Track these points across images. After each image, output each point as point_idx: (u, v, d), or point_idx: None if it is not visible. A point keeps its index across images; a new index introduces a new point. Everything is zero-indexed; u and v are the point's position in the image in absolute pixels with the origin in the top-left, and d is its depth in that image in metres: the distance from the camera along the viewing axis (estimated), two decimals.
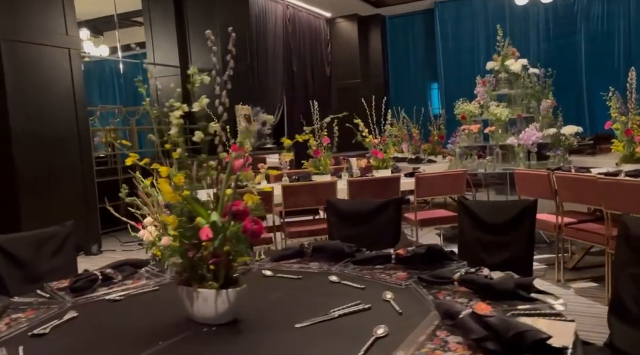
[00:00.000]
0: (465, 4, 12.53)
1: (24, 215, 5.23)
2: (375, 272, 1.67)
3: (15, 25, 5.22)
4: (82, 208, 5.79)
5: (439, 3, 12.76)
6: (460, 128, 5.44)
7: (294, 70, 11.97)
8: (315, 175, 4.82)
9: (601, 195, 3.14)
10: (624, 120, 3.80)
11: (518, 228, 2.02)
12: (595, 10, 11.22)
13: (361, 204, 2.44)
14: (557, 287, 3.68)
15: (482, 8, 12.38)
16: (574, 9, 11.39)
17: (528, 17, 11.82)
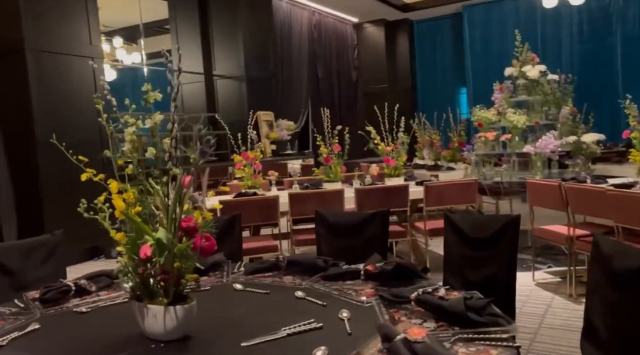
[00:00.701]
0: (494, 7, 12.30)
1: (47, 221, 5.43)
2: (345, 288, 1.65)
3: (41, 35, 5.43)
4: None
5: (467, 6, 12.57)
6: (476, 135, 5.33)
7: (319, 76, 12.01)
8: (326, 183, 4.82)
9: (610, 207, 3.02)
10: None
11: (500, 244, 1.96)
12: (632, 11, 10.82)
13: (349, 216, 2.43)
14: (569, 302, 3.56)
15: (512, 11, 12.12)
16: (609, 11, 11.02)
17: (560, 19, 11.50)
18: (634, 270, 1.29)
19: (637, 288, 1.26)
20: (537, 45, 11.85)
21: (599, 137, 4.68)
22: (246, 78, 8.77)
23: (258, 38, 9.17)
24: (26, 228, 5.53)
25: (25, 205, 5.52)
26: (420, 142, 8.00)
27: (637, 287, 1.29)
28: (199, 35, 8.93)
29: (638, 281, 1.25)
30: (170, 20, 9.33)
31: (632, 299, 1.31)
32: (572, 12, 11.32)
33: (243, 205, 3.93)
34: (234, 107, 8.98)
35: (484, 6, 12.43)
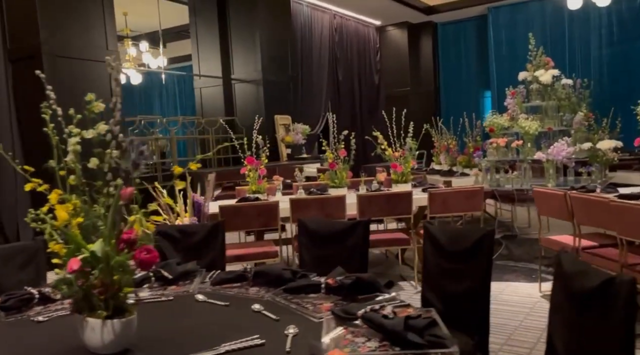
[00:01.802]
0: (520, 9, 12.03)
1: None
2: (305, 301, 1.61)
3: (57, 40, 5.57)
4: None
5: (492, 8, 12.33)
6: (488, 141, 5.20)
7: (339, 79, 11.97)
8: (331, 189, 4.78)
9: (614, 219, 2.89)
10: None
11: (475, 257, 1.89)
12: None
13: (330, 224, 2.38)
14: None
15: (538, 13, 11.83)
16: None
17: (589, 21, 11.16)
18: (591, 289, 1.22)
19: (596, 309, 1.18)
20: (565, 48, 11.55)
21: (615, 144, 4.50)
22: (263, 82, 8.82)
23: (276, 42, 9.20)
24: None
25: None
26: (438, 147, 7.88)
27: (595, 308, 1.22)
28: (218, 39, 9.03)
29: (596, 302, 1.18)
30: (191, 24, 9.47)
31: (590, 320, 1.23)
32: (601, 14, 10.98)
33: (242, 210, 3.94)
34: (252, 111, 9.02)
35: (510, 8, 12.18)
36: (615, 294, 1.15)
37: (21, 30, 5.56)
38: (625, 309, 1.13)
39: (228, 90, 9.13)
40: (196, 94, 9.57)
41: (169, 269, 1.89)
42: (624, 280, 1.14)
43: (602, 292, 1.20)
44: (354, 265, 2.28)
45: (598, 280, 1.21)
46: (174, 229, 2.44)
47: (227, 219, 3.90)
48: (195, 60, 9.45)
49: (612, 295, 1.16)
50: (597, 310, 1.22)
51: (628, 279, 1.14)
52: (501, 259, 5.01)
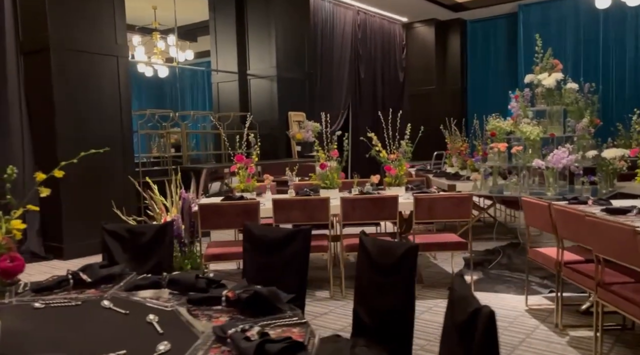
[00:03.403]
0: (552, 7, 11.58)
1: (64, 212, 5.71)
2: (205, 314, 1.57)
3: (66, 34, 5.70)
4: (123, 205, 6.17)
5: (523, 6, 11.93)
6: (488, 146, 5.02)
7: (361, 76, 11.84)
8: (322, 190, 4.72)
9: (590, 234, 2.73)
10: None
11: (399, 272, 1.81)
12: None
13: (274, 231, 2.33)
14: (552, 333, 3.26)
15: (571, 11, 11.37)
16: None
17: (625, 21, 10.65)
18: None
19: (467, 338, 1.11)
20: (599, 49, 11.07)
21: (622, 152, 4.25)
22: (278, 78, 8.81)
23: (293, 38, 9.17)
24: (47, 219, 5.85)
25: (46, 199, 5.82)
26: (450, 149, 7.70)
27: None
28: (235, 35, 9.07)
29: (467, 331, 1.11)
30: (210, 19, 9.55)
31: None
32: (638, 14, 10.45)
33: (222, 209, 3.93)
34: (266, 107, 9.05)
35: (542, 5, 11.74)
36: (476, 325, 1.07)
37: (32, 23, 5.72)
38: (482, 342, 1.05)
39: (243, 86, 9.17)
40: (213, 88, 9.66)
41: (90, 272, 1.89)
42: (484, 312, 1.06)
43: (470, 322, 1.11)
44: (292, 274, 2.23)
45: (471, 309, 1.13)
46: (123, 229, 2.44)
47: (207, 218, 3.92)
48: (213, 55, 9.53)
49: (474, 326, 1.08)
50: (467, 339, 1.14)
51: (487, 311, 1.05)
52: (499, 268, 4.85)
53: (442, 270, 4.93)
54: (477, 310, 1.09)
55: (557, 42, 11.62)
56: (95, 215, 5.33)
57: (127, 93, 6.35)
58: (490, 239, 5.90)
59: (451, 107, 12.60)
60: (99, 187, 5.93)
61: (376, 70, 12.33)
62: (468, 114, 12.48)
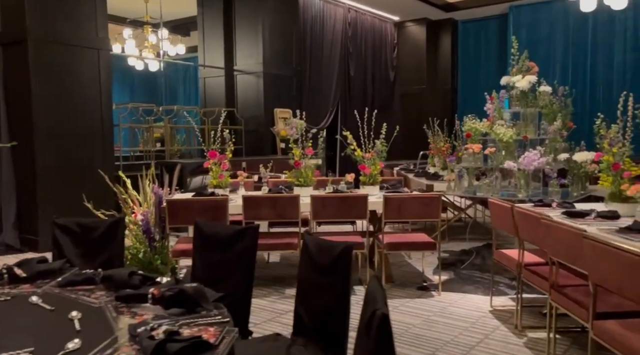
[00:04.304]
0: (542, 9, 11.59)
1: (40, 205, 5.69)
2: (131, 311, 1.57)
3: (45, 26, 5.66)
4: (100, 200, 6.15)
5: (513, 7, 11.94)
6: (463, 147, 5.03)
7: (351, 74, 11.82)
8: (296, 187, 4.73)
9: (545, 236, 2.75)
10: (614, 151, 3.28)
11: (336, 272, 1.81)
12: None
13: (223, 228, 2.33)
14: (512, 334, 3.28)
15: (561, 14, 11.38)
16: None
17: (613, 24, 10.67)
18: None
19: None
20: (587, 51, 11.10)
21: (591, 155, 4.27)
22: (264, 74, 8.79)
23: (281, 35, 9.15)
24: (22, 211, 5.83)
25: (24, 187, 5.81)
26: (433, 149, 7.71)
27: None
28: (222, 30, 9.05)
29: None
30: (198, 15, 9.52)
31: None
32: (627, 17, 10.48)
33: (189, 205, 3.93)
34: (252, 103, 9.04)
35: (532, 7, 11.75)
36: (372, 326, 1.08)
37: (11, 15, 5.69)
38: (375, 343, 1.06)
39: (230, 81, 9.15)
40: (200, 83, 9.64)
41: (25, 266, 1.89)
42: (377, 315, 1.06)
43: (369, 323, 1.12)
44: (239, 272, 2.23)
45: (369, 311, 1.13)
46: (74, 223, 2.44)
47: (175, 214, 3.92)
48: (200, 50, 9.51)
49: (370, 328, 1.09)
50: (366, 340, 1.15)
51: (380, 314, 1.06)
52: (471, 268, 4.87)
53: (414, 269, 4.94)
54: (373, 312, 1.10)
55: (547, 44, 11.67)
56: (72, 209, 5.30)
57: (108, 86, 6.33)
58: (469, 239, 5.91)
59: (442, 107, 12.63)
60: (77, 180, 5.90)
61: (367, 69, 12.31)
62: (458, 113, 12.50)
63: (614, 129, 3.36)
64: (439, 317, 3.61)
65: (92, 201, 4.52)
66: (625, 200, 3.17)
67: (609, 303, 2.40)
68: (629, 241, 2.40)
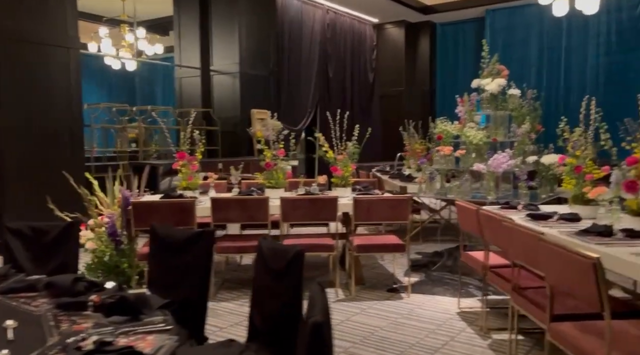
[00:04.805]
0: (517, 13, 11.74)
1: (7, 205, 5.54)
2: (70, 319, 1.52)
3: (13, 24, 5.53)
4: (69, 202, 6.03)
5: (490, 11, 12.07)
6: (435, 149, 5.06)
7: (330, 75, 11.81)
8: (268, 189, 4.69)
9: (506, 239, 2.76)
10: (578, 154, 3.32)
11: (287, 276, 1.79)
12: None
13: (178, 232, 2.29)
14: (477, 336, 3.29)
15: (535, 18, 11.53)
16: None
17: (587, 28, 10.84)
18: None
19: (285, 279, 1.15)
20: (561, 55, 11.27)
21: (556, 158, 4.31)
22: (241, 75, 8.74)
23: (258, 35, 9.10)
24: None
25: None
26: (409, 150, 7.74)
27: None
28: (198, 30, 8.97)
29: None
30: (174, 14, 9.41)
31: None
32: (600, 22, 10.67)
33: (155, 208, 3.87)
34: (229, 104, 8.97)
35: (508, 11, 11.90)
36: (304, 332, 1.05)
37: None
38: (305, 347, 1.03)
39: (206, 82, 9.07)
40: (176, 84, 9.54)
41: None
42: (310, 322, 1.04)
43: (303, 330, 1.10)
44: (194, 276, 2.19)
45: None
46: (26, 227, 2.37)
47: (141, 217, 3.85)
48: (176, 50, 9.41)
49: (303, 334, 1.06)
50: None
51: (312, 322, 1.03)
52: (442, 270, 4.88)
53: (386, 271, 4.95)
54: (309, 317, 1.07)
55: (522, 47, 11.82)
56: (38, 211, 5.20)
57: (78, 85, 6.20)
58: (440, 240, 5.93)
59: (420, 109, 12.70)
60: (45, 182, 5.76)
61: (345, 70, 12.31)
62: (436, 115, 12.59)
63: (577, 133, 3.39)
64: (406, 320, 3.61)
65: (60, 203, 4.42)
66: (587, 203, 3.20)
67: (567, 305, 2.42)
68: (585, 244, 2.42)
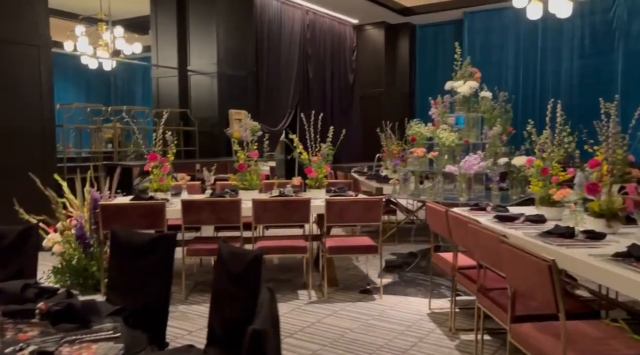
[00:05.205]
0: (495, 16, 11.90)
1: None
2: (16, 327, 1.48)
3: None
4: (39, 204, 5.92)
5: (468, 13, 12.21)
6: (409, 150, 5.09)
7: (310, 76, 11.80)
8: (242, 191, 4.67)
9: (472, 240, 2.79)
10: (545, 156, 3.37)
11: (245, 280, 1.78)
12: (636, 27, 10.29)
13: (139, 236, 2.26)
14: (445, 337, 3.31)
15: (512, 20, 11.68)
16: (613, 26, 10.52)
17: (562, 32, 11.04)
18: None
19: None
20: (537, 57, 11.44)
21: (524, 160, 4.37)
22: (218, 75, 8.68)
23: (236, 35, 9.05)
24: None
25: None
26: (386, 152, 7.78)
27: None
28: (176, 29, 8.89)
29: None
30: (151, 13, 9.32)
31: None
32: (574, 26, 10.87)
33: (124, 210, 3.82)
34: (206, 104, 8.90)
35: (486, 14, 12.05)
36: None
37: None
38: None
39: (183, 82, 8.99)
40: (153, 84, 9.44)
41: None
42: (249, 331, 1.03)
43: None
44: (155, 281, 2.17)
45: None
46: None
47: (110, 219, 3.79)
48: (154, 49, 9.31)
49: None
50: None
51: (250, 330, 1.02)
52: (416, 271, 4.90)
53: (361, 272, 4.95)
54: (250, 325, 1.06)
55: (499, 49, 11.98)
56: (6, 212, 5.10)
57: (49, 84, 6.09)
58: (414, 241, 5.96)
59: (400, 110, 12.77)
60: (14, 183, 5.64)
61: (325, 71, 12.31)
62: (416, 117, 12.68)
63: (544, 135, 3.44)
64: (377, 321, 3.62)
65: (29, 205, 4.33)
66: (553, 205, 3.25)
67: (529, 306, 2.45)
68: (547, 245, 2.45)
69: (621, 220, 2.78)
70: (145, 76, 13.89)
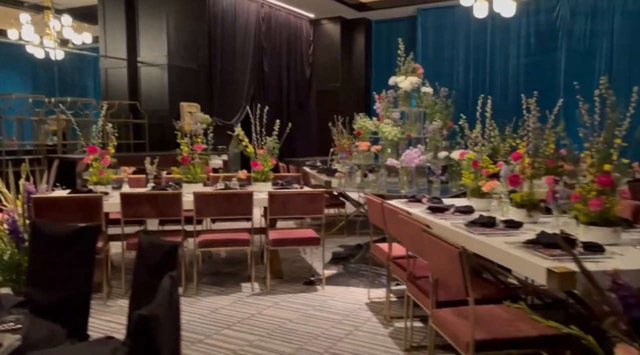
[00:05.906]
0: (447, 13, 12.15)
1: None
2: None
3: None
4: None
5: (421, 10, 12.42)
6: (354, 144, 5.18)
7: (265, 70, 11.75)
8: (185, 184, 4.64)
9: (402, 230, 2.88)
10: (477, 150, 3.51)
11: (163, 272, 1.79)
12: (578, 27, 10.75)
13: (62, 228, 2.23)
14: (380, 325, 3.41)
15: (464, 18, 11.96)
16: (556, 26, 10.95)
17: (509, 30, 11.40)
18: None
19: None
20: (486, 55, 11.77)
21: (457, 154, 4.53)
22: (169, 67, 8.54)
23: (187, 27, 8.92)
24: None
25: None
26: (337, 145, 7.84)
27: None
28: (124, 20, 8.67)
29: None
30: (98, 3, 9.06)
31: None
32: (521, 25, 11.25)
33: (59, 203, 3.74)
34: (157, 96, 8.75)
35: (438, 11, 12.29)
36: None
37: None
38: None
39: (133, 73, 8.80)
40: (102, 75, 9.19)
41: None
42: (134, 317, 1.06)
43: None
44: (77, 274, 2.15)
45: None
46: None
47: (43, 213, 3.70)
48: (102, 39, 9.06)
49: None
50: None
51: (136, 316, 1.05)
52: (361, 262, 5.00)
53: (307, 264, 5.02)
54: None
55: (451, 47, 12.26)
56: None
57: None
58: (359, 233, 6.07)
59: (356, 105, 12.86)
60: None
61: (282, 65, 12.28)
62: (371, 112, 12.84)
63: (476, 130, 3.58)
64: (317, 311, 3.69)
65: None
66: (482, 196, 3.39)
67: (451, 292, 2.55)
68: (470, 234, 2.57)
69: (541, 210, 2.93)
70: (96, 68, 13.48)
